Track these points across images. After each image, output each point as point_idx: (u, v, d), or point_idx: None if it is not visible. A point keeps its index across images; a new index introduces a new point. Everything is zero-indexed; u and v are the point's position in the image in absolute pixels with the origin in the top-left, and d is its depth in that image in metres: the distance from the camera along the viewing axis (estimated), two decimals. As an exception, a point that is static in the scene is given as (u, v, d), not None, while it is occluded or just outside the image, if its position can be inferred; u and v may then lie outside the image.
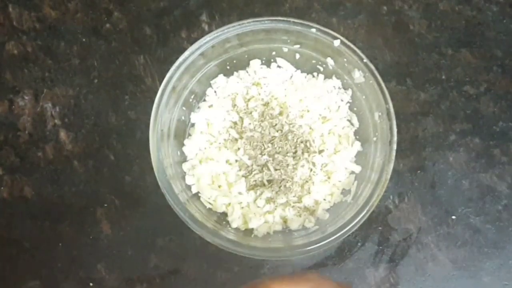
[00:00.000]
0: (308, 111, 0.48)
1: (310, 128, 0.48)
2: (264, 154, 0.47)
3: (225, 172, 0.47)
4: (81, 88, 0.52)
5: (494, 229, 0.50)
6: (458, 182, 0.51)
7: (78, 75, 0.53)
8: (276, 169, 0.47)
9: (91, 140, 0.51)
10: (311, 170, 0.47)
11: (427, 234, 0.50)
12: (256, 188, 0.47)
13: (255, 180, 0.47)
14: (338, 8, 0.54)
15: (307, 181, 0.47)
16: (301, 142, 0.47)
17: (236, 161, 0.48)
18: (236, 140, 0.48)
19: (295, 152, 0.47)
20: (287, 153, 0.47)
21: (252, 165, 0.47)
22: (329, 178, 0.47)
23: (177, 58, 0.45)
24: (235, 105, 0.49)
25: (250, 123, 0.48)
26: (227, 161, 0.48)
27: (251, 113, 0.48)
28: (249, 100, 0.49)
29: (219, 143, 0.48)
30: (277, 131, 0.48)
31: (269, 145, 0.47)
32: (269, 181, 0.47)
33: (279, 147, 0.47)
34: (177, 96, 0.46)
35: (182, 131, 0.49)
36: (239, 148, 0.47)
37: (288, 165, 0.47)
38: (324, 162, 0.47)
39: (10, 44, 0.53)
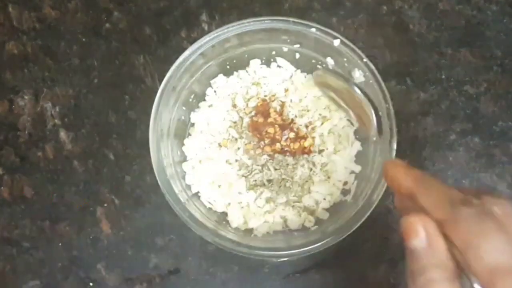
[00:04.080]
0: (308, 110, 0.48)
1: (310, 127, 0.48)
2: (264, 154, 0.47)
3: (225, 172, 0.47)
4: (81, 88, 0.52)
5: (494, 228, 0.50)
6: (458, 182, 0.51)
7: (78, 75, 0.53)
8: (276, 169, 0.47)
9: (91, 140, 0.51)
10: (311, 169, 0.47)
11: (427, 234, 0.50)
12: (256, 188, 0.47)
13: (255, 180, 0.47)
14: (338, 8, 0.54)
15: (307, 181, 0.47)
16: (301, 141, 0.47)
17: (236, 160, 0.48)
18: (236, 139, 0.48)
19: (295, 152, 0.47)
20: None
21: (252, 164, 0.47)
22: (329, 177, 0.47)
23: (177, 58, 0.45)
24: (235, 104, 0.49)
25: (250, 123, 0.48)
26: (227, 161, 0.48)
27: (251, 112, 0.48)
28: (249, 99, 0.49)
29: (219, 143, 0.48)
30: (277, 130, 0.48)
31: (269, 144, 0.47)
32: (269, 181, 0.47)
33: (279, 147, 0.47)
34: (177, 95, 0.46)
35: (182, 131, 0.49)
36: (239, 148, 0.47)
37: (288, 164, 0.47)
38: (324, 162, 0.47)
39: (10, 44, 0.53)
